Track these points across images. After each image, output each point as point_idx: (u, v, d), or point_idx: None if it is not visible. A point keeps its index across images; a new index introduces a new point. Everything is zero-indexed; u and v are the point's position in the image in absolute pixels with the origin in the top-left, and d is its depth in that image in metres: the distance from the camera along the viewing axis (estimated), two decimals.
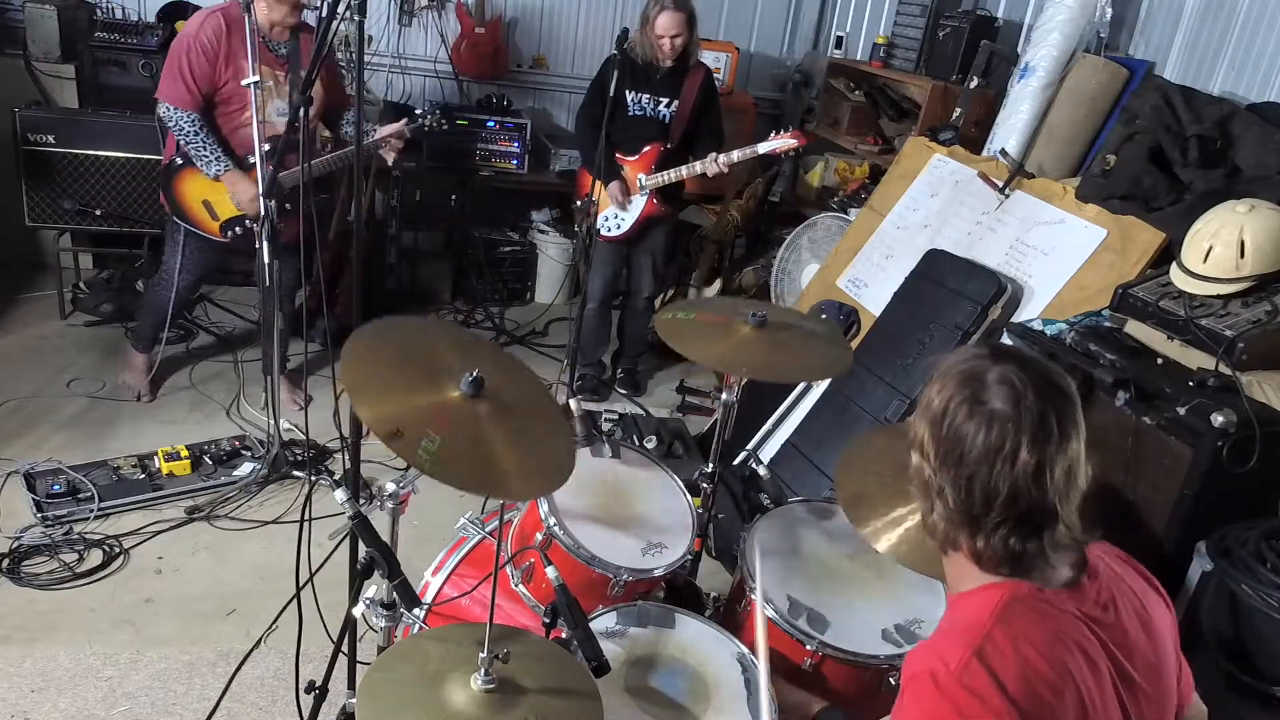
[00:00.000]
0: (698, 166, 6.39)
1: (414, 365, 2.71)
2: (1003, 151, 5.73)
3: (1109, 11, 5.83)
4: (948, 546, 2.13)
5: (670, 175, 6.51)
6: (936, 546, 2.17)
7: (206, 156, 5.52)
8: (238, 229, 5.75)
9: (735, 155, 6.30)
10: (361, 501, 2.96)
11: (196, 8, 7.21)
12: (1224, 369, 3.80)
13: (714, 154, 6.32)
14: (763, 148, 6.25)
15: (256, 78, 4.94)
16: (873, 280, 6.04)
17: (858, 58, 8.51)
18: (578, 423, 3.81)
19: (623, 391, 7.33)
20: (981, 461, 1.97)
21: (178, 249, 5.94)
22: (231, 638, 4.45)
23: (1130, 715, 2.06)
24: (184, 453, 5.48)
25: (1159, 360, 4.06)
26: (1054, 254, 5.16)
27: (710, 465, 3.95)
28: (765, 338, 3.57)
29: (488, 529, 3.62)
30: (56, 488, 5.12)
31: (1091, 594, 2.09)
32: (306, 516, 3.74)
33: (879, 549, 2.85)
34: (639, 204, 6.63)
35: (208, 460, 5.55)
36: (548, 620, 2.79)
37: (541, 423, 2.78)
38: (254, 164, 5.47)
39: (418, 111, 6.19)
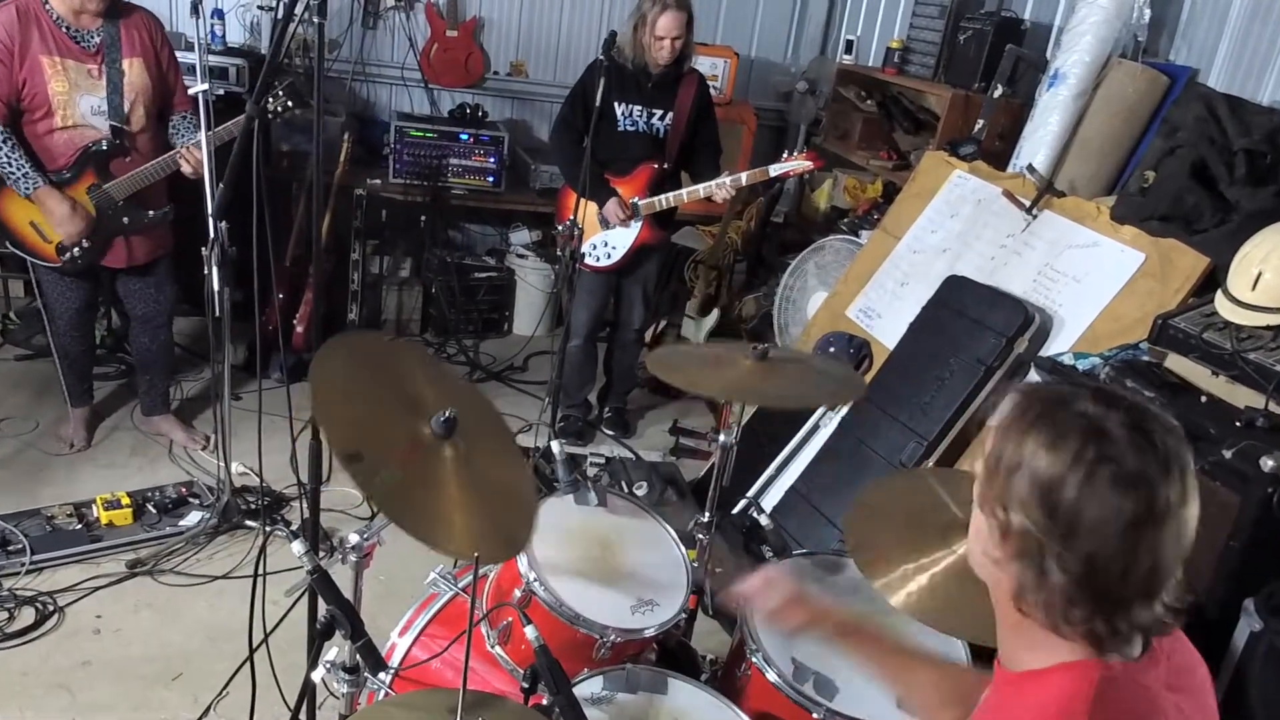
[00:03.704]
0: (701, 190, 6.34)
1: (389, 388, 2.74)
2: (1030, 167, 5.75)
3: (1147, 13, 5.84)
4: (1034, 614, 1.96)
5: (669, 199, 6.45)
6: (1012, 609, 2.05)
7: (14, 174, 5.37)
8: (75, 251, 5.61)
9: (744, 177, 6.26)
10: (321, 554, 2.97)
11: None
12: (1275, 408, 3.80)
13: (724, 176, 6.27)
14: (774, 169, 6.22)
15: (205, 86, 4.92)
16: (886, 310, 6.06)
17: (869, 64, 8.53)
18: (560, 468, 3.82)
19: (610, 433, 7.32)
20: (1107, 534, 1.82)
21: (36, 285, 5.93)
22: (177, 705, 4.44)
23: None
24: (125, 500, 5.46)
25: (1203, 398, 4.05)
26: (1087, 281, 5.18)
27: (707, 514, 3.95)
28: (768, 369, 3.58)
29: (460, 585, 3.62)
30: None
31: (1164, 658, 2.03)
32: (260, 571, 3.75)
33: (894, 604, 2.85)
34: (633, 231, 6.57)
35: (151, 509, 5.54)
36: (527, 685, 2.79)
37: (505, 484, 2.82)
38: (68, 178, 5.48)
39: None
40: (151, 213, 5.75)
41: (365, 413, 2.64)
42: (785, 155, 6.26)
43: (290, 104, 5.56)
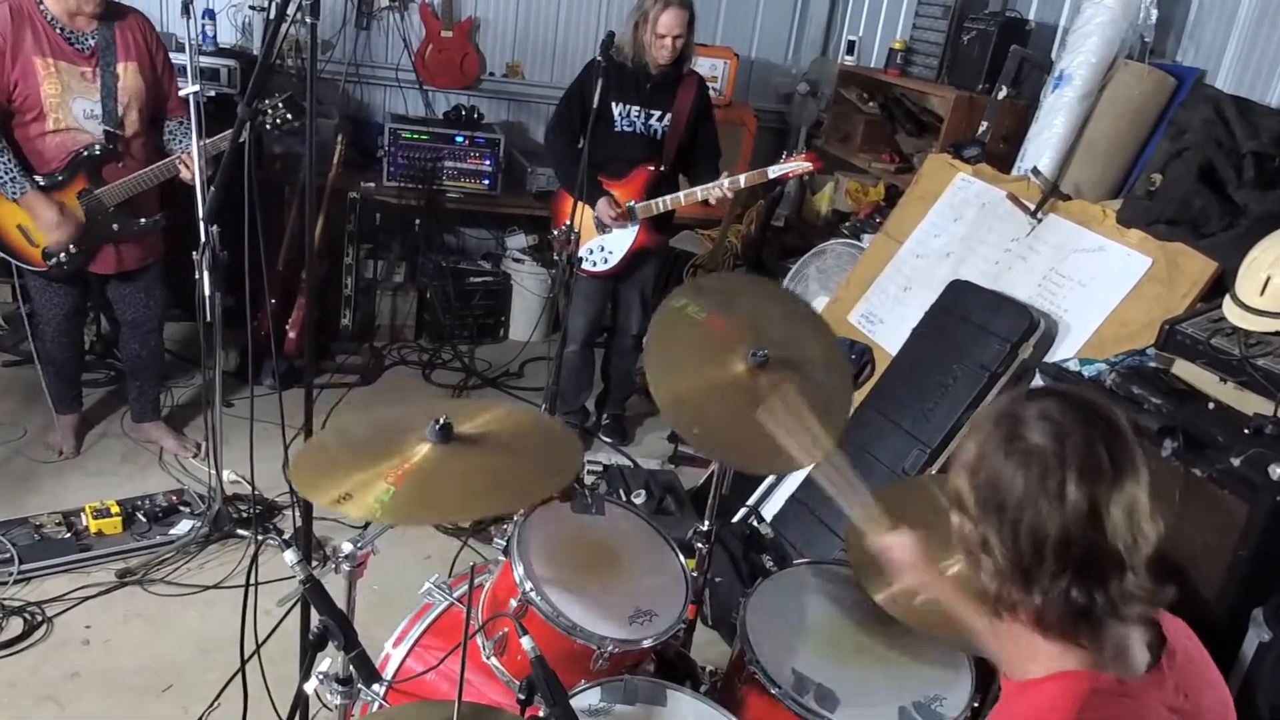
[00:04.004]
0: (699, 193, 6.31)
1: (373, 445, 2.78)
2: (1035, 170, 5.74)
3: (1154, 13, 5.83)
4: (1002, 610, 2.08)
5: (666, 202, 6.43)
6: (990, 615, 2.13)
7: (1, 177, 5.37)
8: (61, 256, 5.57)
9: (742, 180, 6.23)
10: (314, 564, 2.98)
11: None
12: None
13: (722, 177, 6.23)
14: (773, 171, 6.19)
15: (196, 87, 4.91)
16: (889, 315, 6.06)
17: (872, 65, 8.54)
18: None
19: (608, 440, 7.33)
20: (1025, 503, 1.95)
21: (23, 290, 5.91)
22: (168, 717, 4.44)
23: None
24: (115, 509, 5.45)
25: (1210, 405, 4.03)
26: (1092, 285, 5.18)
27: (706, 523, 3.95)
28: (757, 387, 3.55)
29: (456, 594, 3.61)
30: None
31: (1171, 680, 2.06)
32: (252, 580, 3.75)
33: (896, 617, 2.86)
34: (629, 235, 6.56)
35: (141, 517, 5.53)
36: (523, 697, 2.79)
37: (534, 437, 2.87)
38: (60, 181, 5.44)
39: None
40: (143, 220, 5.72)
41: (349, 464, 2.69)
42: (784, 156, 6.23)
43: (289, 116, 5.56)
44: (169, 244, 6.00)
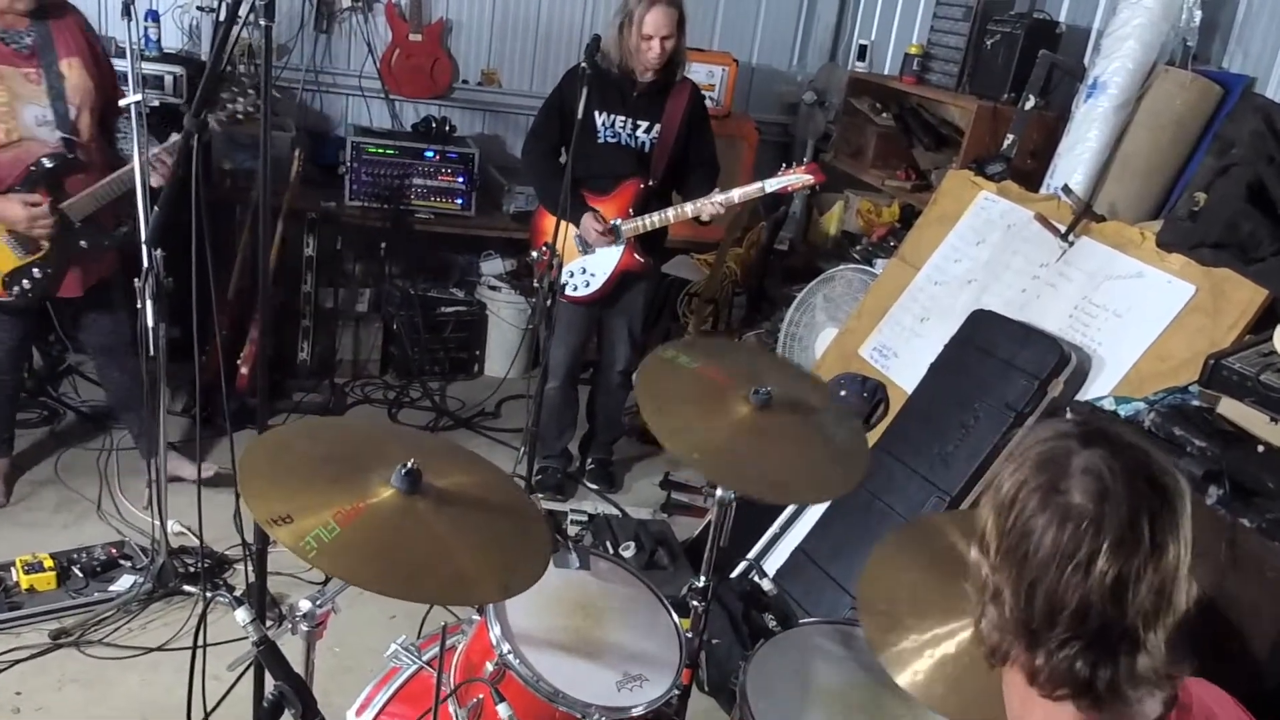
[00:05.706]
0: (688, 209, 6.30)
1: (340, 466, 2.76)
2: (1066, 188, 5.75)
3: (1198, 15, 5.83)
4: (997, 659, 2.11)
5: (654, 219, 6.40)
6: (984, 657, 2.15)
7: None
8: (25, 283, 5.53)
9: (736, 195, 6.22)
10: (269, 623, 2.97)
11: None
12: None
13: (712, 194, 6.21)
14: (770, 185, 6.17)
15: (138, 96, 4.90)
16: (904, 348, 6.08)
17: (885, 72, 8.57)
18: None
19: (594, 487, 7.32)
20: (1049, 565, 1.95)
21: None
22: None
23: None
24: (48, 563, 5.43)
25: (1260, 448, 4.01)
26: (1129, 315, 5.19)
27: (702, 578, 3.94)
28: (763, 426, 3.56)
29: (425, 657, 3.61)
30: None
31: None
32: (201, 642, 3.74)
33: (901, 684, 2.85)
34: (614, 256, 6.53)
35: (78, 572, 5.50)
36: None
37: (506, 519, 2.84)
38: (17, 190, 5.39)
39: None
40: (119, 230, 5.70)
41: (304, 479, 2.68)
42: (783, 169, 6.21)
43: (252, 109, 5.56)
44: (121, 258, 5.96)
